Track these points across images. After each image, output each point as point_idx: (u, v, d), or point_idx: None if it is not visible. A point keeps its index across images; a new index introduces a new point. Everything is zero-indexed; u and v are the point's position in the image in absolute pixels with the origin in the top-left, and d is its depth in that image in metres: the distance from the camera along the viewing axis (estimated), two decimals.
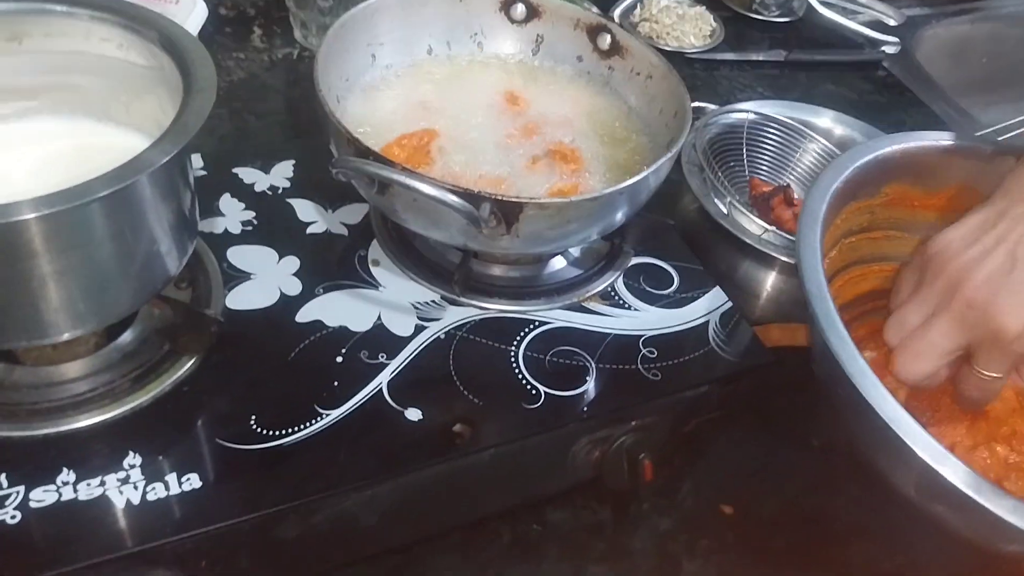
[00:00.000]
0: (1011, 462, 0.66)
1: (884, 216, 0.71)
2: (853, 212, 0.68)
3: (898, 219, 0.72)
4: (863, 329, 0.73)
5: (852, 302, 0.73)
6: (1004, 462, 0.66)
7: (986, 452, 0.66)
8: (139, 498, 0.54)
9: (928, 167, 0.70)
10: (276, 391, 0.61)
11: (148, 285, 0.58)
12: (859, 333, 0.73)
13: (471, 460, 0.61)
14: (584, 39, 0.77)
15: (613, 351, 0.67)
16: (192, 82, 0.55)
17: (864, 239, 0.71)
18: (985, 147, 0.71)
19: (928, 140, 0.70)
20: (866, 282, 0.73)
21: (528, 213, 0.58)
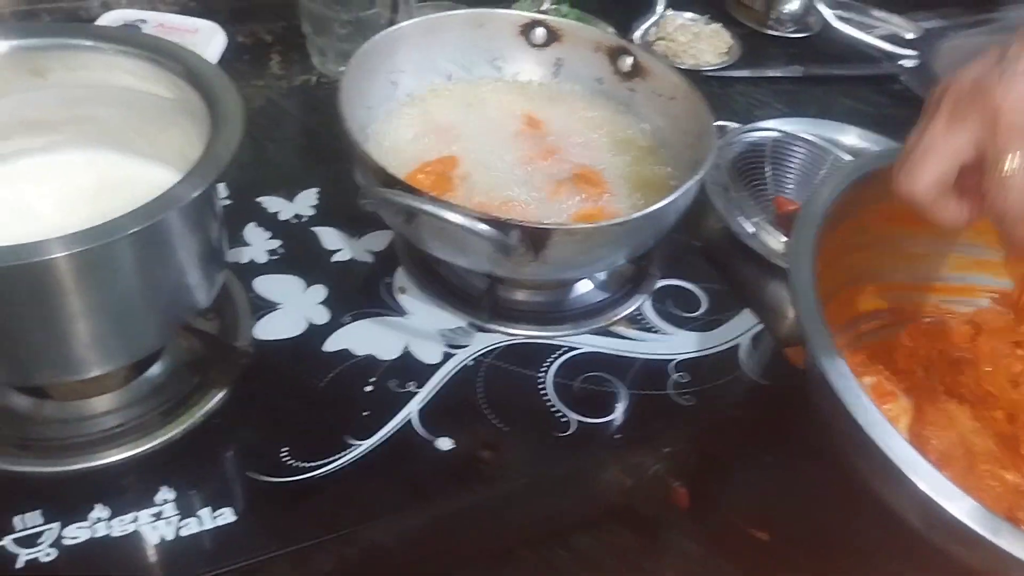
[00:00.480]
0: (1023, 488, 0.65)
1: (876, 233, 0.70)
2: (846, 231, 0.67)
3: (889, 235, 0.70)
4: (861, 354, 0.72)
5: (847, 325, 0.72)
6: (1015, 489, 0.65)
7: (995, 480, 0.65)
8: (173, 533, 0.54)
9: None
10: (306, 422, 0.60)
11: (177, 318, 0.58)
12: (857, 358, 0.72)
13: (502, 489, 0.60)
14: (604, 61, 0.77)
15: (643, 376, 0.67)
16: (219, 115, 0.55)
17: (857, 257, 0.70)
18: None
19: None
20: (860, 301, 0.72)
21: (556, 239, 0.58)
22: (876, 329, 0.74)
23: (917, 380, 0.71)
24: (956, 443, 0.66)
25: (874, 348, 0.73)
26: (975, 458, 0.66)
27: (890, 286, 0.73)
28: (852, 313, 0.72)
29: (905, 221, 0.70)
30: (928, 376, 0.71)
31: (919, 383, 0.71)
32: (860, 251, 0.70)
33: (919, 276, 0.74)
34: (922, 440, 0.67)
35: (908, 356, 0.72)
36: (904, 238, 0.71)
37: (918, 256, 0.73)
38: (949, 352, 0.72)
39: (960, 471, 0.65)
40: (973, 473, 0.65)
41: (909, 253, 0.72)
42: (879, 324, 0.74)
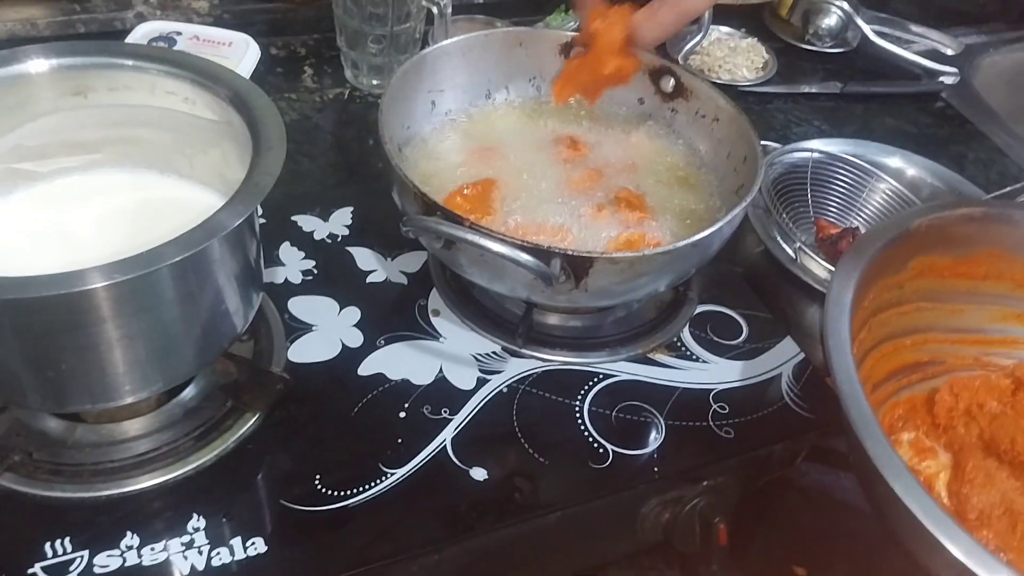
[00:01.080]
0: None
1: (912, 289, 0.69)
2: (882, 290, 0.66)
3: (927, 290, 0.69)
4: (900, 408, 0.71)
5: (886, 379, 0.70)
6: None
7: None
8: (204, 563, 0.53)
9: (955, 236, 0.68)
10: (340, 449, 0.59)
11: (215, 344, 0.57)
12: (896, 413, 0.70)
13: (537, 523, 0.59)
14: (646, 81, 0.76)
15: (682, 406, 0.65)
16: (261, 139, 0.54)
17: (894, 314, 0.69)
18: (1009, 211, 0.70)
19: (951, 210, 0.68)
20: (899, 356, 0.71)
21: (598, 268, 0.57)
22: (917, 382, 0.72)
23: (957, 435, 0.69)
24: (996, 502, 0.64)
25: (914, 401, 0.72)
26: (1017, 518, 0.64)
27: (928, 339, 0.72)
28: (892, 367, 0.71)
29: (942, 275, 0.69)
30: (967, 431, 0.69)
31: (958, 438, 0.69)
32: (897, 307, 0.69)
33: (958, 328, 0.72)
34: (961, 498, 0.65)
35: (947, 411, 0.70)
36: (941, 292, 0.70)
37: (956, 310, 0.71)
38: (988, 406, 0.70)
39: (1001, 531, 0.63)
40: (1014, 534, 0.63)
41: (947, 307, 0.71)
42: (920, 376, 0.72)
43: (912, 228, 0.65)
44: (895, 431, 0.70)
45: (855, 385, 0.54)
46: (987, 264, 0.70)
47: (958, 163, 1.08)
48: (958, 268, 0.70)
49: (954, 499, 0.66)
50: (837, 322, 0.58)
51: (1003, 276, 0.71)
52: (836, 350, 0.56)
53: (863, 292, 0.62)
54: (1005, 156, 1.11)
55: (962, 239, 0.68)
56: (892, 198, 0.84)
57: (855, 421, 0.53)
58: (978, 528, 0.63)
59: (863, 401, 0.53)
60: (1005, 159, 1.11)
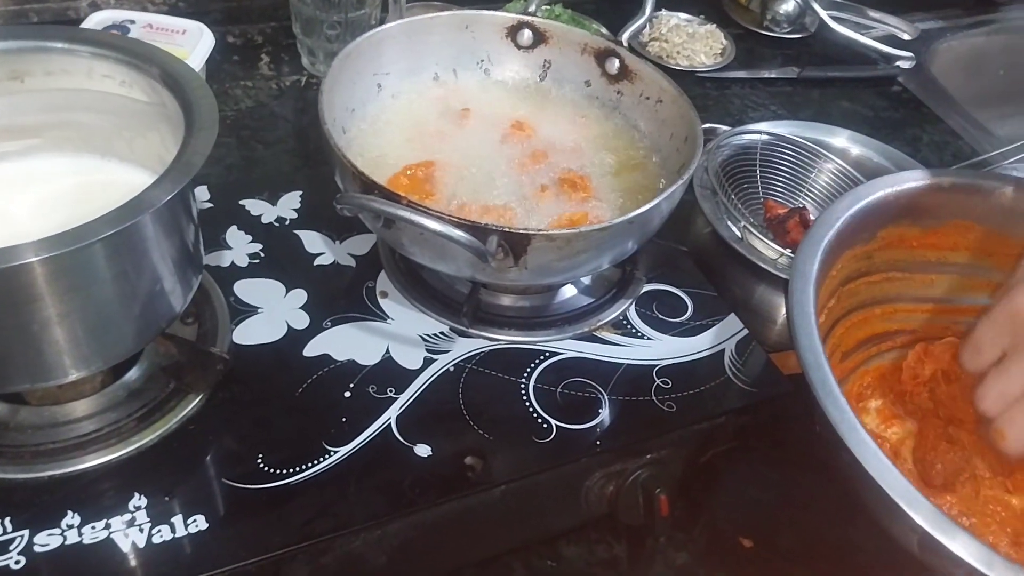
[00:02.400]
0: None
1: (882, 259, 0.70)
2: (849, 260, 0.67)
3: (897, 260, 0.70)
4: (869, 376, 0.72)
5: (856, 348, 0.71)
6: (1020, 513, 0.64)
7: (1000, 505, 0.64)
8: (145, 541, 0.53)
9: (922, 207, 0.69)
10: (284, 428, 0.60)
11: (153, 323, 0.57)
12: (865, 380, 0.71)
13: (482, 497, 0.59)
14: (592, 64, 0.76)
15: (626, 382, 0.66)
16: (194, 119, 0.54)
17: (863, 284, 0.70)
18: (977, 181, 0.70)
19: (918, 180, 0.69)
20: (869, 325, 0.72)
21: (536, 245, 0.57)
22: (887, 351, 0.73)
23: (922, 402, 0.70)
24: (961, 467, 0.65)
25: (883, 370, 0.73)
26: (980, 482, 0.65)
27: (898, 309, 0.73)
28: (862, 336, 0.72)
29: (911, 245, 0.70)
30: (932, 398, 0.70)
31: (924, 405, 0.70)
32: (866, 277, 0.70)
33: (928, 298, 0.73)
34: (926, 465, 0.66)
35: (914, 378, 0.71)
36: (910, 262, 0.71)
37: (926, 280, 0.72)
38: (953, 373, 0.71)
39: (965, 496, 0.64)
40: (977, 498, 0.64)
41: (916, 278, 0.72)
42: (890, 345, 0.73)
43: (879, 198, 0.66)
44: (863, 399, 0.71)
45: (819, 355, 0.55)
46: (956, 235, 0.71)
47: (913, 145, 1.10)
48: (927, 239, 0.70)
49: (919, 465, 0.67)
50: (802, 292, 0.58)
51: (971, 246, 0.71)
52: (800, 318, 0.56)
53: (830, 262, 0.63)
54: (959, 138, 1.13)
55: (930, 209, 0.69)
56: (838, 177, 0.85)
57: (818, 389, 0.53)
58: (942, 493, 0.64)
59: (826, 369, 0.54)
60: (959, 141, 1.12)
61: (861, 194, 0.65)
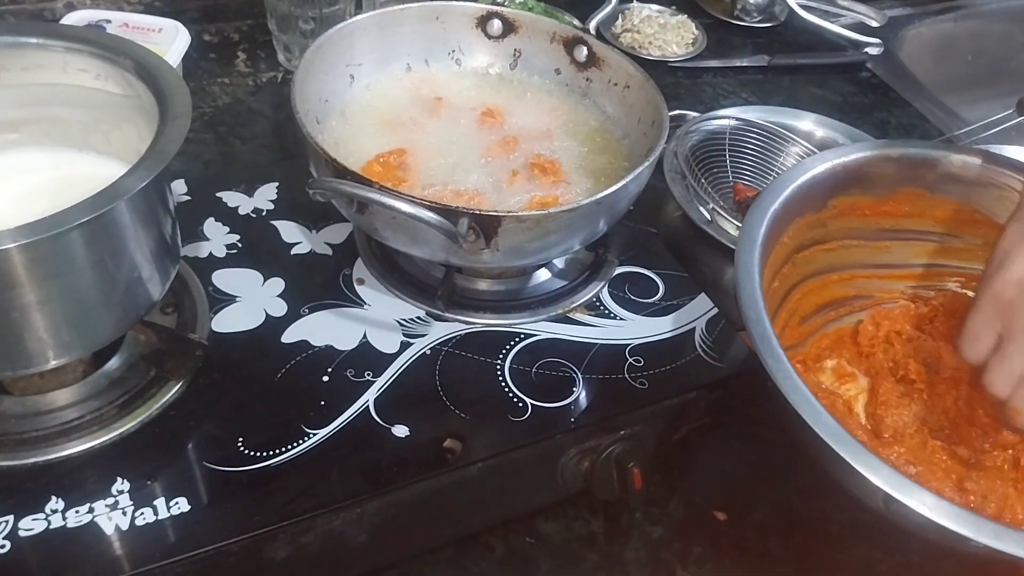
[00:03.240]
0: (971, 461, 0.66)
1: (836, 227, 0.72)
2: (801, 227, 0.69)
3: (851, 228, 0.72)
4: (828, 339, 0.74)
5: (814, 312, 0.73)
6: (964, 462, 0.66)
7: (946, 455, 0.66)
8: (128, 523, 0.54)
9: (871, 176, 0.71)
10: (263, 412, 0.61)
11: (131, 311, 0.58)
12: (823, 343, 0.73)
13: (459, 475, 0.61)
14: (561, 52, 0.78)
15: (599, 361, 0.67)
16: (167, 109, 0.55)
17: (819, 251, 0.72)
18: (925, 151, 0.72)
19: (866, 151, 0.71)
20: (827, 291, 0.74)
21: (507, 226, 0.59)
22: (845, 315, 0.75)
23: (876, 361, 0.73)
24: (908, 421, 0.68)
25: (841, 333, 0.75)
26: (927, 435, 0.67)
27: (856, 275, 0.75)
28: (820, 301, 0.74)
29: (864, 214, 0.72)
30: (885, 357, 0.72)
31: (877, 363, 0.72)
32: (821, 244, 0.72)
33: (885, 264, 0.75)
34: (876, 419, 0.68)
35: (869, 339, 0.73)
36: (865, 230, 0.73)
37: (882, 247, 0.74)
38: (906, 333, 0.73)
39: (913, 447, 0.66)
40: (924, 448, 0.66)
41: (872, 245, 0.74)
42: (848, 310, 0.75)
43: (828, 168, 0.68)
44: (820, 359, 0.73)
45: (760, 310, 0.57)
46: (908, 203, 0.73)
47: (881, 129, 1.12)
48: (880, 207, 0.72)
49: (871, 419, 0.69)
50: (748, 254, 0.60)
51: (925, 214, 0.73)
52: (745, 283, 0.58)
53: (780, 228, 0.64)
54: (927, 121, 1.15)
55: (881, 179, 0.71)
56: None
57: (761, 348, 0.55)
58: (891, 445, 0.66)
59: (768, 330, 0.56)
60: (927, 124, 1.15)
61: (809, 165, 0.67)
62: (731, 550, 0.69)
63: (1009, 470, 0.65)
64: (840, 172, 0.68)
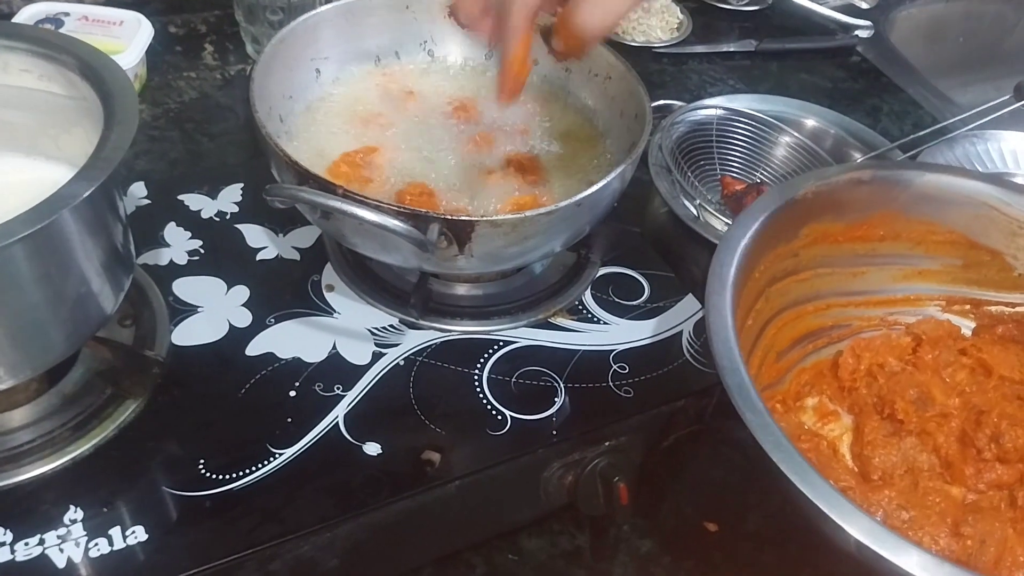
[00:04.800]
0: (968, 503, 0.64)
1: (809, 256, 0.68)
2: (774, 260, 0.66)
3: (825, 256, 0.69)
4: (807, 374, 0.71)
5: (791, 347, 0.70)
6: (961, 503, 0.63)
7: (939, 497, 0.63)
8: (81, 555, 0.51)
9: (843, 201, 0.68)
10: (226, 432, 0.58)
11: (82, 327, 0.54)
12: (802, 379, 0.70)
13: (435, 494, 0.57)
14: (538, 41, 0.74)
15: (582, 369, 0.64)
16: (112, 113, 0.52)
17: (792, 282, 0.69)
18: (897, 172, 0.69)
19: (837, 175, 0.68)
20: (802, 323, 0.71)
21: (480, 232, 0.55)
22: (823, 346, 0.72)
23: (859, 397, 0.70)
24: (898, 462, 0.65)
25: (820, 366, 0.72)
26: (918, 475, 0.64)
27: (831, 304, 0.72)
28: (796, 334, 0.71)
29: (836, 240, 0.69)
30: (869, 392, 0.69)
31: (861, 400, 0.69)
32: (794, 275, 0.69)
33: (860, 291, 0.73)
34: (863, 460, 0.65)
35: (850, 373, 0.70)
36: (838, 257, 0.70)
37: (856, 273, 0.71)
38: (888, 365, 0.70)
39: (904, 489, 0.63)
40: (916, 491, 0.63)
41: (846, 272, 0.71)
42: (826, 341, 0.72)
43: (798, 196, 0.65)
44: (800, 396, 0.70)
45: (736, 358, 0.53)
46: (882, 226, 0.70)
47: (873, 116, 1.09)
48: (853, 232, 0.70)
49: (857, 461, 0.66)
50: (718, 295, 0.57)
51: (900, 236, 0.71)
52: (717, 328, 0.55)
53: (751, 264, 0.61)
54: (920, 107, 1.12)
55: (853, 203, 0.68)
56: (796, 150, 0.84)
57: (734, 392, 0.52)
58: (881, 488, 0.63)
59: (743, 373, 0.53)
60: (920, 110, 1.11)
61: (779, 194, 0.64)
62: (724, 563, 0.66)
63: (1006, 509, 0.62)
64: (811, 199, 0.65)
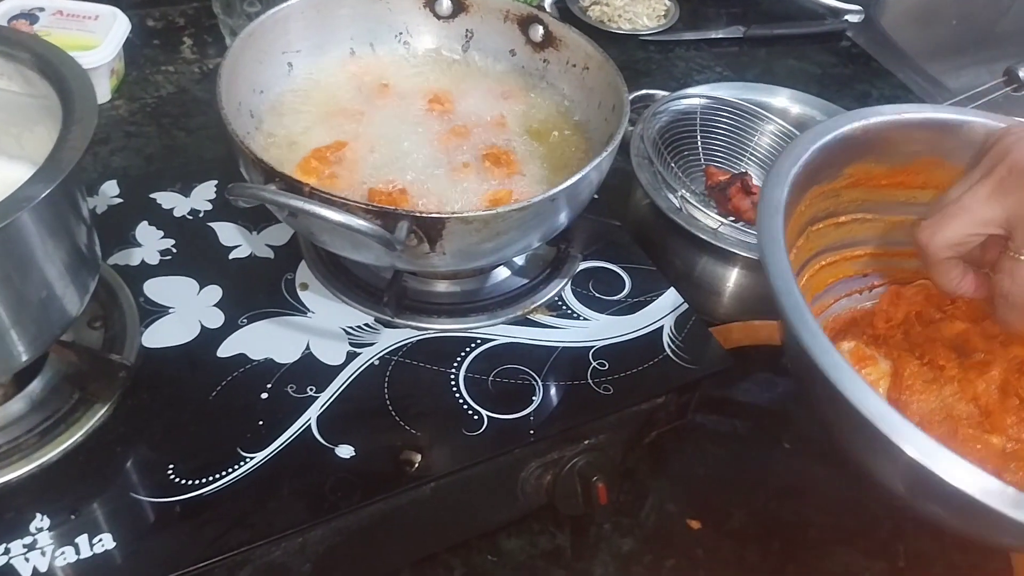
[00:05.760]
0: (1008, 451, 0.62)
1: (849, 199, 0.66)
2: (816, 197, 0.64)
3: (864, 201, 0.67)
4: (841, 321, 0.69)
5: (826, 291, 0.69)
6: (1001, 452, 0.62)
7: (979, 444, 0.62)
8: (47, 565, 0.50)
9: (890, 143, 0.65)
10: (196, 435, 0.56)
11: (46, 331, 0.53)
12: (837, 323, 0.68)
13: (409, 496, 0.56)
14: (516, 31, 0.72)
15: (561, 366, 0.63)
16: (71, 111, 0.50)
17: (831, 225, 0.67)
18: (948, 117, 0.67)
19: (888, 115, 0.65)
20: (839, 268, 0.69)
21: (451, 229, 0.54)
22: (857, 294, 0.71)
23: (896, 343, 0.68)
24: (936, 408, 0.63)
25: (854, 314, 0.70)
26: (957, 423, 0.62)
27: (868, 252, 0.70)
28: (831, 279, 0.69)
29: (878, 183, 0.67)
30: (907, 339, 0.68)
31: (898, 346, 0.67)
32: (834, 217, 0.67)
33: (898, 241, 0.70)
34: (901, 405, 0.63)
35: (887, 320, 0.69)
36: (878, 202, 0.68)
37: (895, 222, 0.69)
38: (927, 314, 0.68)
39: (942, 436, 0.61)
40: (955, 438, 0.61)
41: (885, 219, 0.69)
42: (860, 289, 0.71)
43: (847, 132, 0.62)
44: (836, 340, 0.67)
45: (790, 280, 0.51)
46: (924, 173, 0.67)
47: (862, 102, 1.07)
48: (895, 177, 0.67)
49: (895, 407, 0.64)
50: (770, 219, 0.55)
51: (942, 185, 0.66)
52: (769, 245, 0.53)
53: (797, 195, 0.59)
54: (910, 92, 1.10)
55: (898, 146, 0.65)
56: (781, 139, 0.82)
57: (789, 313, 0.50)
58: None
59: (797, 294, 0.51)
60: (910, 95, 1.10)
61: (828, 128, 0.61)
62: (706, 561, 0.65)
63: None
64: (859, 136, 0.63)
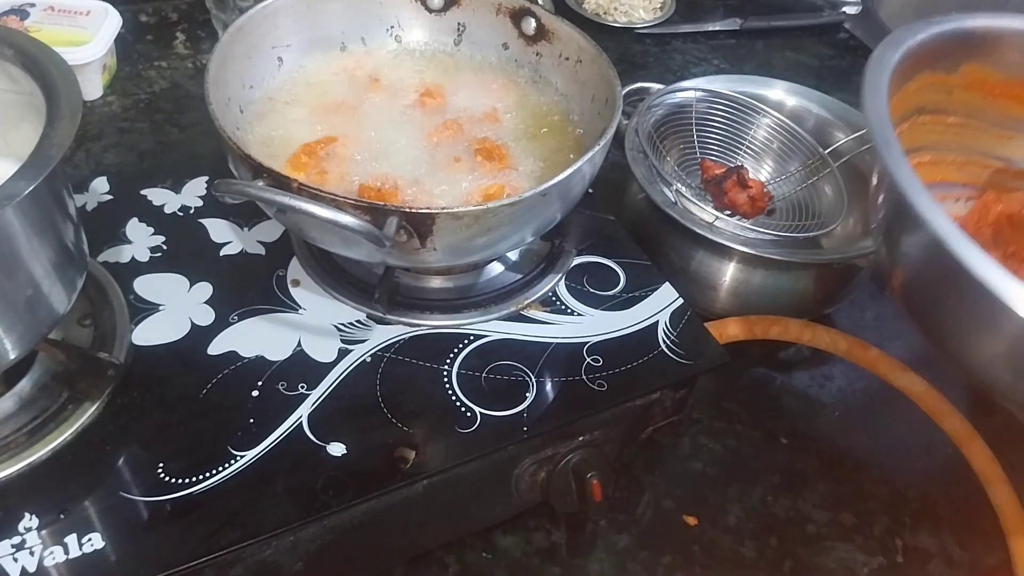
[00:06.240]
0: None
1: (961, 100, 0.66)
2: (929, 84, 0.63)
3: (976, 107, 0.66)
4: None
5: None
6: None
7: None
8: (35, 565, 0.50)
9: (1010, 49, 0.64)
10: (186, 434, 0.56)
11: (33, 329, 0.53)
12: None
13: (402, 494, 0.56)
14: (508, 24, 0.72)
15: (555, 362, 0.62)
16: (56, 107, 0.50)
17: (940, 123, 0.66)
18: None
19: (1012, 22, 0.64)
20: (939, 170, 0.68)
21: (441, 224, 0.53)
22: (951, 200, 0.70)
23: (984, 240, 0.67)
24: None
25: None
26: None
27: (971, 162, 0.70)
28: (928, 179, 0.67)
29: (992, 92, 0.66)
30: (995, 238, 0.67)
31: (985, 243, 0.66)
32: (943, 115, 0.66)
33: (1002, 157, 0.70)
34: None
35: (977, 220, 0.68)
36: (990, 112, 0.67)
37: (1004, 136, 0.69)
38: (1020, 217, 0.67)
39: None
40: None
41: (993, 132, 0.68)
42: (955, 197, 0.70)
43: (968, 28, 0.62)
44: None
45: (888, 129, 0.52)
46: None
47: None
48: (1010, 88, 0.66)
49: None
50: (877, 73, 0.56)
51: None
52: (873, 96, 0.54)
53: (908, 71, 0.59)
54: None
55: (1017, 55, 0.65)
56: (777, 131, 0.82)
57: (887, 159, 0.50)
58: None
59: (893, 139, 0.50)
60: None
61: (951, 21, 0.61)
62: (703, 557, 0.64)
63: None
64: (980, 35, 0.62)
